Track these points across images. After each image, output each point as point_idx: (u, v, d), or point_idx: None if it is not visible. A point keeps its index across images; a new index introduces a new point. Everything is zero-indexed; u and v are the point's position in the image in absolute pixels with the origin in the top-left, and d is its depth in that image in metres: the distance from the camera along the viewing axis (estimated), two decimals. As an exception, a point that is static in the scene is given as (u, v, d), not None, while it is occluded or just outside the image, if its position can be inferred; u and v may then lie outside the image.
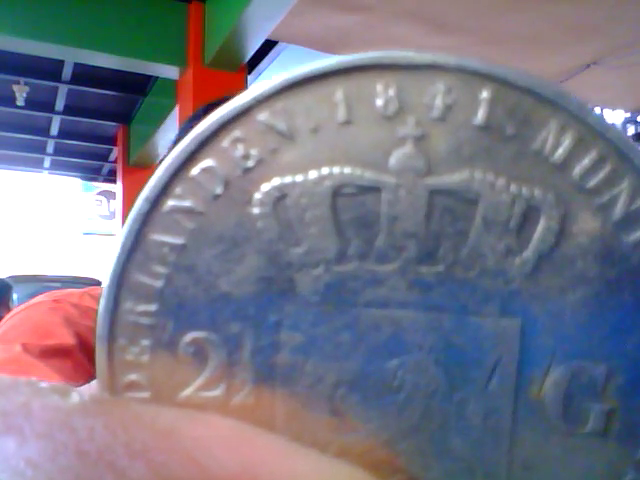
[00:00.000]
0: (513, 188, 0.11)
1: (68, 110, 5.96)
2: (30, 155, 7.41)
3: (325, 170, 0.11)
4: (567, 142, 0.11)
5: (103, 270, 0.12)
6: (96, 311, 0.55)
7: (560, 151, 0.11)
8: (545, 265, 0.11)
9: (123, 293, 0.12)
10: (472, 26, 3.78)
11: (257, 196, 0.11)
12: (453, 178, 0.11)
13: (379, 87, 0.11)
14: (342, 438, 0.11)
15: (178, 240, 0.12)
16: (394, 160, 0.11)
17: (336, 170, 0.11)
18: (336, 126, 0.11)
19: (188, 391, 0.12)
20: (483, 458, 0.11)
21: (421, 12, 3.57)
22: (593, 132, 0.11)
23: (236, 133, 0.11)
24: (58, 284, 5.33)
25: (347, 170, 0.11)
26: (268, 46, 4.14)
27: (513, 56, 4.22)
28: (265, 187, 0.11)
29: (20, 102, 5.51)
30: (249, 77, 4.22)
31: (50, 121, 6.31)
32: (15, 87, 5.37)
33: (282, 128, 0.11)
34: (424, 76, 0.11)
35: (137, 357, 0.12)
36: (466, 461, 0.11)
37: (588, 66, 4.34)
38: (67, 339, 0.61)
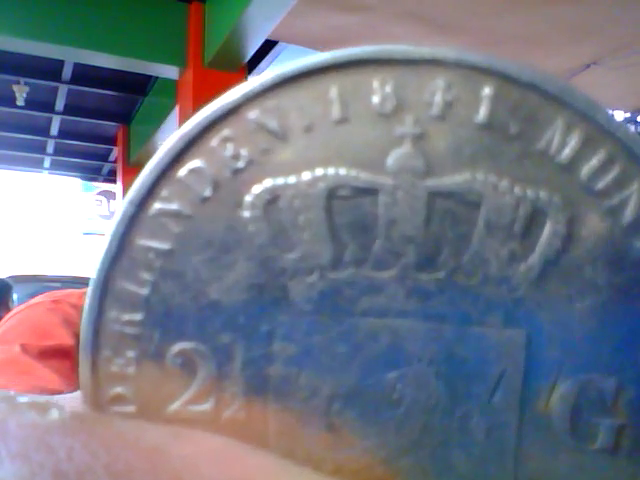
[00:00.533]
0: (517, 190, 0.11)
1: (68, 110, 5.96)
2: (30, 155, 7.41)
3: (319, 171, 0.11)
4: (574, 141, 0.11)
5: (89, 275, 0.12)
6: None
7: (567, 151, 0.11)
8: (551, 272, 0.11)
9: (107, 301, 0.11)
10: (472, 26, 3.77)
11: (248, 199, 0.11)
12: (454, 179, 0.11)
13: (376, 83, 0.11)
14: (338, 455, 0.11)
15: (165, 245, 0.11)
16: (392, 160, 0.11)
17: (331, 171, 0.11)
18: (330, 125, 0.11)
19: (176, 405, 0.11)
20: (487, 476, 0.11)
21: (421, 12, 3.56)
22: (601, 131, 0.10)
23: (225, 132, 0.11)
24: (58, 284, 5.32)
25: (342, 171, 0.11)
26: (268, 46, 4.14)
27: (513, 57, 4.20)
28: (256, 189, 0.11)
29: (20, 102, 5.51)
30: (249, 77, 4.22)
31: (50, 121, 6.32)
32: (15, 87, 5.37)
33: (274, 127, 0.11)
34: (423, 72, 0.11)
35: (122, 369, 0.11)
36: (469, 478, 0.11)
37: (588, 66, 4.34)
38: (66, 339, 0.61)
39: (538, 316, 0.11)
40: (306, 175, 0.11)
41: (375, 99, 0.11)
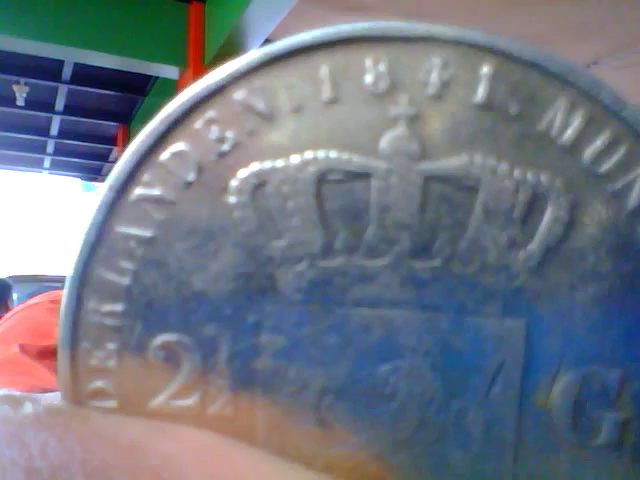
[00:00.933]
0: (517, 173, 0.10)
1: (68, 110, 5.97)
2: (30, 155, 7.41)
3: (309, 154, 0.10)
4: (577, 122, 0.10)
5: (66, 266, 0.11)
6: None
7: (569, 132, 0.10)
8: (553, 259, 0.10)
9: (86, 292, 0.10)
10: (472, 26, 3.77)
11: (234, 183, 0.10)
12: (450, 163, 0.10)
13: (368, 62, 0.10)
14: (329, 451, 0.10)
15: (146, 232, 0.10)
16: (385, 143, 0.10)
17: (321, 154, 0.10)
18: (321, 105, 0.10)
19: (159, 400, 0.11)
20: (485, 473, 0.10)
21: (421, 12, 3.56)
22: (606, 111, 0.10)
23: (210, 113, 0.10)
24: (58, 284, 5.32)
25: (333, 154, 0.10)
26: (268, 46, 4.14)
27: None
28: (242, 173, 0.10)
29: (20, 102, 5.51)
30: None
31: (50, 121, 6.32)
32: (15, 87, 5.37)
33: (261, 108, 0.10)
34: (418, 49, 0.10)
35: (102, 362, 0.11)
36: (466, 476, 0.10)
37: (588, 66, 4.34)
38: None
39: (538, 306, 0.10)
40: (295, 159, 0.10)
41: (368, 78, 0.10)
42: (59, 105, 5.82)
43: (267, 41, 3.81)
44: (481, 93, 0.10)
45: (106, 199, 0.11)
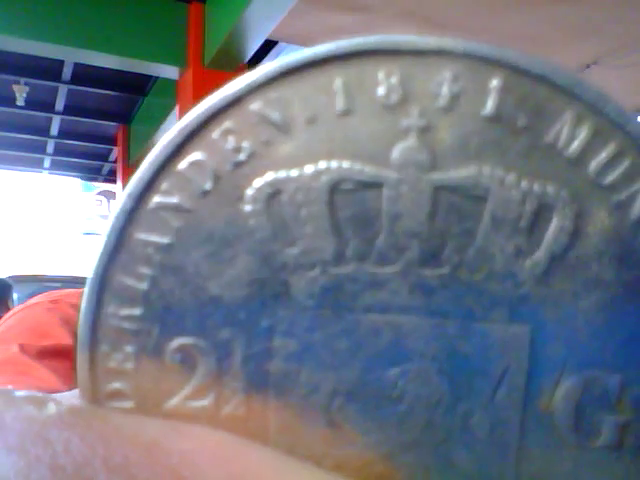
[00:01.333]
0: (524, 184, 0.10)
1: (68, 110, 5.96)
2: (30, 155, 7.41)
3: (322, 164, 0.11)
4: (583, 135, 0.10)
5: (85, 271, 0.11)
6: None
7: (575, 144, 0.10)
8: (558, 267, 0.10)
9: (106, 296, 0.11)
10: (472, 26, 3.77)
11: (249, 192, 0.11)
12: (459, 173, 0.10)
13: (381, 75, 0.10)
14: (338, 451, 0.11)
15: (164, 239, 0.11)
16: (396, 153, 0.10)
17: (334, 164, 0.11)
18: (334, 117, 0.11)
19: (175, 401, 0.11)
20: (489, 473, 0.11)
21: (421, 12, 3.56)
22: (611, 124, 0.10)
23: (227, 124, 0.11)
24: (58, 284, 5.31)
25: (346, 164, 0.11)
26: (268, 46, 4.13)
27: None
28: (258, 182, 0.11)
29: (20, 102, 5.50)
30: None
31: (50, 121, 6.31)
32: (15, 87, 5.37)
33: (276, 119, 0.11)
34: (429, 63, 0.10)
35: (121, 364, 0.11)
36: (471, 476, 0.11)
37: (588, 66, 4.34)
38: (64, 339, 0.61)
39: (543, 312, 0.10)
40: (309, 168, 0.11)
41: (380, 90, 0.10)
42: (59, 105, 5.82)
43: (267, 41, 3.81)
44: (490, 105, 0.10)
45: (125, 207, 0.11)
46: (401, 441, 0.10)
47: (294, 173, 0.11)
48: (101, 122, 6.33)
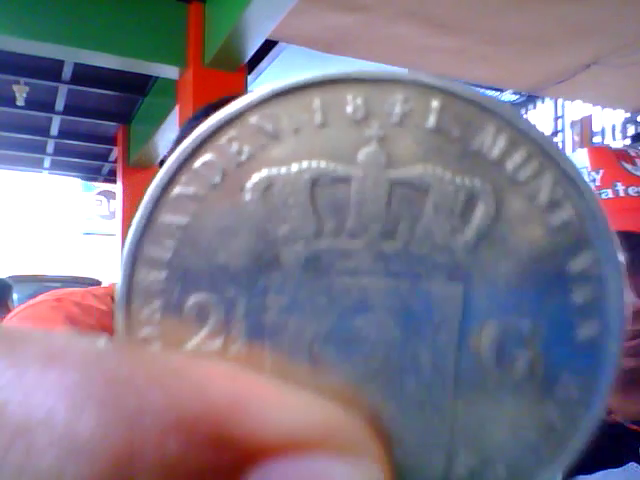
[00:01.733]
0: (458, 180, 0.14)
1: (68, 110, 5.95)
2: (30, 155, 7.40)
3: (305, 164, 0.14)
4: (501, 143, 0.14)
5: (121, 248, 0.14)
6: (98, 310, 0.56)
7: (496, 150, 0.14)
8: (483, 241, 0.14)
9: (138, 264, 0.14)
10: (472, 26, 3.77)
11: (248, 185, 0.14)
12: (409, 171, 0.14)
13: (349, 97, 0.14)
14: (318, 382, 0.14)
15: (183, 220, 0.14)
16: (361, 156, 0.14)
17: (314, 164, 0.14)
18: (314, 128, 0.14)
19: (192, 343, 0.14)
20: (432, 396, 0.14)
21: (421, 12, 3.56)
22: (522, 134, 0.14)
23: (232, 133, 0.14)
24: (58, 284, 5.32)
25: (323, 164, 0.14)
26: (268, 46, 4.13)
27: (513, 56, 4.21)
28: (255, 177, 0.14)
29: (20, 102, 5.50)
30: (249, 77, 4.21)
31: (50, 121, 6.30)
32: (15, 87, 5.36)
33: (269, 129, 0.14)
34: (386, 88, 0.14)
35: (150, 316, 0.14)
36: (418, 399, 0.14)
37: (588, 66, 4.33)
38: None
39: (472, 274, 0.14)
40: (294, 167, 0.14)
41: (349, 109, 0.14)
42: (59, 105, 5.81)
43: (267, 41, 3.81)
44: (431, 121, 0.14)
45: (154, 195, 0.14)
46: (365, 373, 0.14)
47: (283, 170, 0.14)
48: (101, 122, 6.31)
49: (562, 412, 0.14)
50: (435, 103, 0.14)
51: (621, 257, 0.14)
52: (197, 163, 0.14)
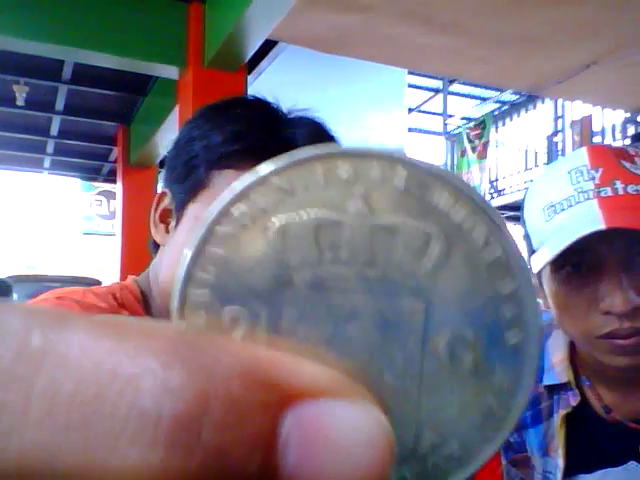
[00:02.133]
0: (419, 226, 0.19)
1: (68, 110, 5.94)
2: (30, 155, 7.38)
3: (312, 212, 0.19)
4: (451, 200, 0.19)
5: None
6: (99, 307, 0.56)
7: (448, 205, 0.19)
8: (439, 271, 0.19)
9: (189, 284, 0.19)
10: (472, 26, 3.77)
11: (271, 227, 0.19)
12: (385, 219, 0.19)
13: (342, 165, 0.19)
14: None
15: (221, 251, 0.19)
16: (351, 207, 0.19)
17: (318, 213, 0.19)
18: (318, 187, 0.19)
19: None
20: (404, 387, 0.19)
21: (421, 12, 3.56)
22: (465, 194, 0.19)
23: (260, 189, 0.19)
24: (58, 284, 5.31)
25: (324, 213, 0.19)
26: (268, 46, 4.13)
27: (513, 56, 4.21)
28: (275, 221, 0.19)
29: (20, 102, 5.49)
30: (249, 77, 4.21)
31: (50, 121, 6.29)
32: (15, 87, 5.35)
33: (287, 187, 0.19)
34: (368, 160, 0.19)
35: (197, 322, 0.19)
36: (393, 389, 0.18)
37: (588, 66, 4.33)
38: None
39: (431, 295, 0.19)
40: (304, 215, 0.19)
41: (342, 174, 0.19)
42: (59, 105, 5.79)
43: (267, 41, 3.81)
44: (401, 184, 0.19)
45: (202, 234, 0.19)
46: (354, 368, 0.16)
47: (296, 217, 0.19)
48: (101, 122, 6.31)
49: (498, 400, 0.19)
50: (402, 171, 0.19)
51: (534, 282, 0.20)
52: (233, 210, 0.19)
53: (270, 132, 0.68)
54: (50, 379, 0.12)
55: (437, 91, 9.52)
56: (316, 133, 0.71)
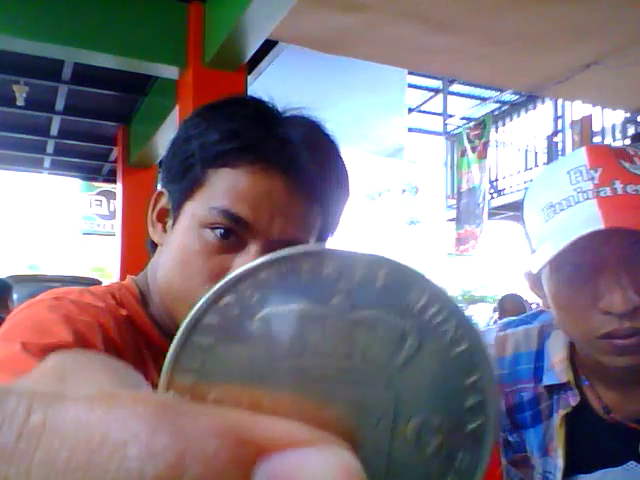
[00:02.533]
0: (395, 322, 0.20)
1: (68, 110, 5.93)
2: (30, 155, 7.37)
3: (294, 306, 0.20)
4: (424, 300, 0.20)
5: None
6: (95, 307, 0.56)
7: (420, 305, 0.20)
8: (410, 364, 0.20)
9: (175, 371, 0.20)
10: (472, 26, 3.77)
11: (257, 316, 0.20)
12: (364, 315, 0.20)
13: (326, 264, 0.20)
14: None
15: (211, 341, 0.20)
16: (334, 302, 0.20)
17: (301, 306, 0.20)
18: (302, 282, 0.20)
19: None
20: (372, 468, 0.19)
21: (421, 12, 3.56)
22: (436, 295, 0.20)
23: (248, 282, 0.20)
24: (58, 284, 5.31)
25: (307, 306, 0.20)
26: (268, 46, 4.13)
27: (513, 56, 4.21)
28: (261, 313, 0.20)
29: (20, 102, 5.48)
30: (249, 77, 4.21)
31: (50, 121, 6.29)
32: (15, 87, 5.35)
33: (273, 281, 0.20)
34: (350, 260, 0.20)
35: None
36: (363, 468, 0.19)
37: (588, 66, 4.33)
38: (66, 337, 0.60)
39: (401, 385, 0.20)
40: (287, 307, 0.20)
41: (325, 271, 0.20)
42: (59, 105, 5.78)
43: (267, 41, 3.81)
44: (380, 283, 0.20)
45: (196, 317, 0.20)
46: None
47: (280, 309, 0.20)
48: (101, 122, 6.30)
49: (460, 478, 0.20)
50: (383, 271, 0.20)
51: (496, 375, 0.20)
52: (221, 303, 0.20)
53: (266, 130, 0.68)
54: (47, 450, 0.13)
55: (437, 91, 9.50)
56: (311, 132, 0.72)
